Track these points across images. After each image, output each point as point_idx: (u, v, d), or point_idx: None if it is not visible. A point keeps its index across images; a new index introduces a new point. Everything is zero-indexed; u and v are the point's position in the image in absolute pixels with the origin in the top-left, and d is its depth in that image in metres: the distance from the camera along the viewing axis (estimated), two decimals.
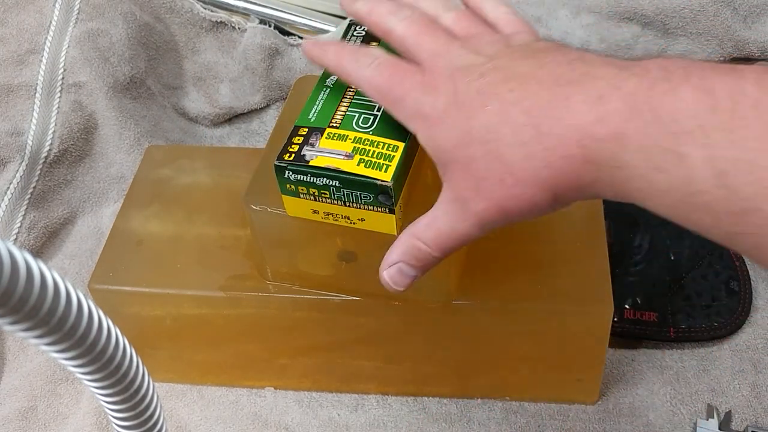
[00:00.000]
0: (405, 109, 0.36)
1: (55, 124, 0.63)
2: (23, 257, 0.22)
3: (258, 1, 0.74)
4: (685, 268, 0.56)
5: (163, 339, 0.52)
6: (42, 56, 0.65)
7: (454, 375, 0.52)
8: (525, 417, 0.51)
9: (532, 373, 0.51)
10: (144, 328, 0.51)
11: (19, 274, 0.22)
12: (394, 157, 0.39)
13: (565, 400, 0.52)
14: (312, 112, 0.41)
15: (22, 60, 0.65)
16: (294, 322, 0.49)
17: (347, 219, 0.41)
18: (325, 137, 0.40)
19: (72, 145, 0.64)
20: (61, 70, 0.64)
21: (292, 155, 0.39)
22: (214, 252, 0.50)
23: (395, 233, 0.40)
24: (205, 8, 0.72)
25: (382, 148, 0.39)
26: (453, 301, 0.46)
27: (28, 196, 0.62)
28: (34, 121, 0.63)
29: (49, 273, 0.23)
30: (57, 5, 0.66)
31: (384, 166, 0.38)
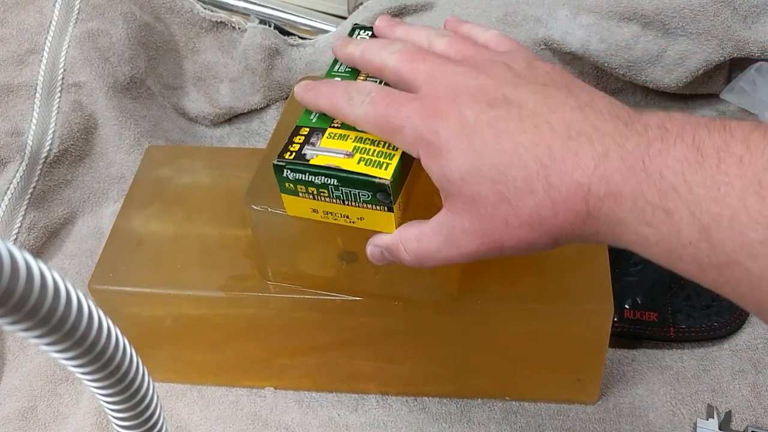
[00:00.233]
0: (405, 138, 0.36)
1: (55, 124, 0.63)
2: (23, 257, 0.22)
3: (258, 1, 0.74)
4: None
5: (163, 339, 0.52)
6: (42, 56, 0.65)
7: (454, 375, 0.52)
8: (525, 417, 0.51)
9: (532, 373, 0.51)
10: (144, 328, 0.51)
11: (19, 274, 0.21)
12: (394, 155, 0.38)
13: (565, 400, 0.52)
14: (314, 112, 0.41)
15: (22, 60, 0.65)
16: (294, 322, 0.49)
17: (346, 218, 0.40)
18: (326, 137, 0.40)
19: (72, 145, 0.64)
20: (61, 70, 0.64)
21: (293, 154, 0.39)
22: (214, 252, 0.50)
23: (393, 231, 0.40)
24: (205, 8, 0.72)
25: (383, 147, 0.39)
26: (453, 301, 0.46)
27: (28, 196, 0.62)
28: (34, 121, 0.63)
29: (49, 273, 0.23)
30: (57, 5, 0.66)
31: (384, 165, 0.38)
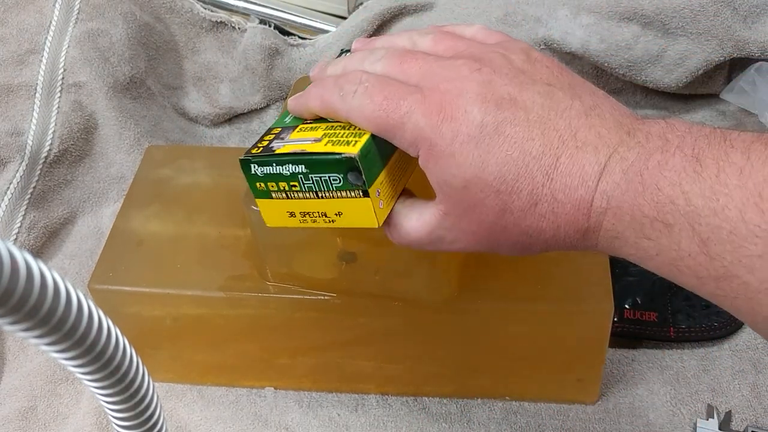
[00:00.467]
0: (405, 136, 0.34)
1: (55, 124, 0.63)
2: (23, 257, 0.22)
3: (258, 1, 0.74)
4: None
5: (163, 339, 0.52)
6: (42, 56, 0.65)
7: (454, 375, 0.52)
8: (525, 417, 0.51)
9: (532, 373, 0.51)
10: (144, 328, 0.51)
11: (19, 274, 0.21)
12: (364, 134, 0.35)
13: (565, 400, 0.52)
14: (290, 115, 0.40)
15: (22, 60, 0.65)
16: (294, 322, 0.49)
17: (325, 217, 0.38)
18: (297, 131, 0.38)
19: (72, 145, 0.64)
20: (61, 70, 0.64)
21: (260, 149, 0.37)
22: (214, 252, 0.50)
23: (376, 224, 0.36)
24: (205, 8, 0.72)
25: (353, 129, 0.36)
26: (453, 301, 0.46)
27: (28, 196, 0.62)
28: (34, 121, 0.63)
29: (49, 273, 0.23)
30: (57, 5, 0.66)
31: (353, 143, 0.35)
